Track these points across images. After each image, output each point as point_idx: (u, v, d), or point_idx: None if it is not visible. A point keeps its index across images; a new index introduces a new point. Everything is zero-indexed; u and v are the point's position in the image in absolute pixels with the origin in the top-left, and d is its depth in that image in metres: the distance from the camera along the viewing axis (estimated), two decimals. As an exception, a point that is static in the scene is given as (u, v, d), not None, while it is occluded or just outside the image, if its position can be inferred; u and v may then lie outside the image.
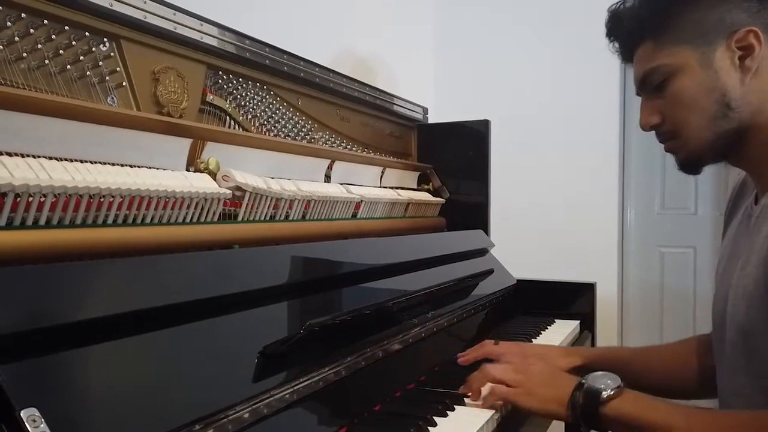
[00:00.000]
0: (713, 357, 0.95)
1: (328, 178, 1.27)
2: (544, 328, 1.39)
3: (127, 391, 0.59)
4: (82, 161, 0.74)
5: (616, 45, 0.91)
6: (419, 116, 1.75)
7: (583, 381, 0.82)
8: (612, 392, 0.79)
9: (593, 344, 1.54)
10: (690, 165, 0.89)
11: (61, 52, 0.78)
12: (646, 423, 0.77)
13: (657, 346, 1.16)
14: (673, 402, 0.82)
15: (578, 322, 1.50)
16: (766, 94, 0.82)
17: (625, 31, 0.90)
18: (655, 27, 0.85)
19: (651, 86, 0.87)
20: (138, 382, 0.60)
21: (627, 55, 0.91)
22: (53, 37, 0.77)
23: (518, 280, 1.58)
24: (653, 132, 0.90)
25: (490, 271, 1.45)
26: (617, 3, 0.90)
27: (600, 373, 0.83)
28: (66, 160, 0.72)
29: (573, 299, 1.55)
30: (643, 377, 1.04)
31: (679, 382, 1.05)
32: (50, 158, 0.70)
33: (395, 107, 1.61)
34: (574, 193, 2.35)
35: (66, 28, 0.79)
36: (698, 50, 0.83)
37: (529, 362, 0.93)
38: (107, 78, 0.84)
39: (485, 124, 1.70)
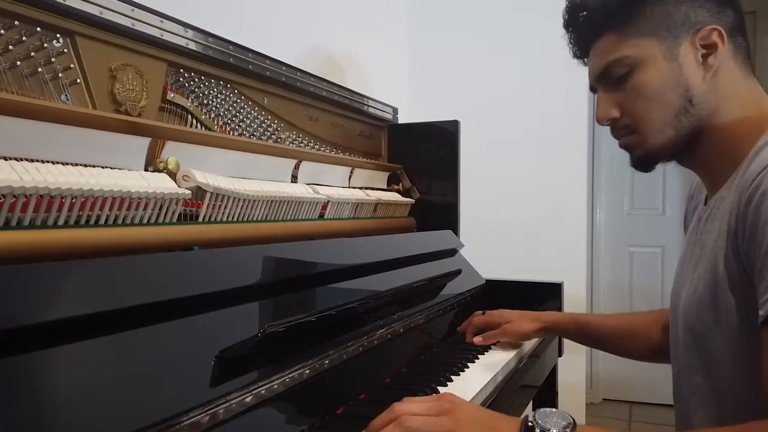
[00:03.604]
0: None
1: (294, 179, 1.25)
2: (512, 328, 1.40)
3: (79, 396, 0.57)
4: (32, 160, 0.72)
5: (574, 36, 0.91)
6: (389, 116, 1.75)
7: (531, 423, 0.70)
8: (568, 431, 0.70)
9: (560, 342, 1.55)
10: (644, 162, 0.89)
11: (11, 47, 0.76)
12: None
13: (619, 314, 1.28)
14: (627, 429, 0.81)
15: (546, 321, 1.51)
16: (723, 94, 0.83)
17: (587, 23, 0.89)
18: (620, 18, 0.85)
19: (611, 79, 0.87)
20: (91, 386, 0.59)
21: (584, 48, 0.90)
22: (2, 32, 0.75)
23: (487, 280, 1.58)
24: None
25: (458, 272, 1.45)
26: None
27: (546, 410, 0.73)
28: (16, 159, 0.70)
29: (540, 298, 1.56)
30: (602, 338, 1.21)
31: (635, 346, 1.16)
32: (-1, 157, 0.67)
33: (365, 107, 1.61)
34: (544, 194, 2.37)
35: (16, 23, 0.76)
36: (664, 43, 0.83)
37: (451, 401, 0.73)
38: (60, 75, 0.81)
39: (455, 124, 1.70)
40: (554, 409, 0.73)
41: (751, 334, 0.73)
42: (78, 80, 0.84)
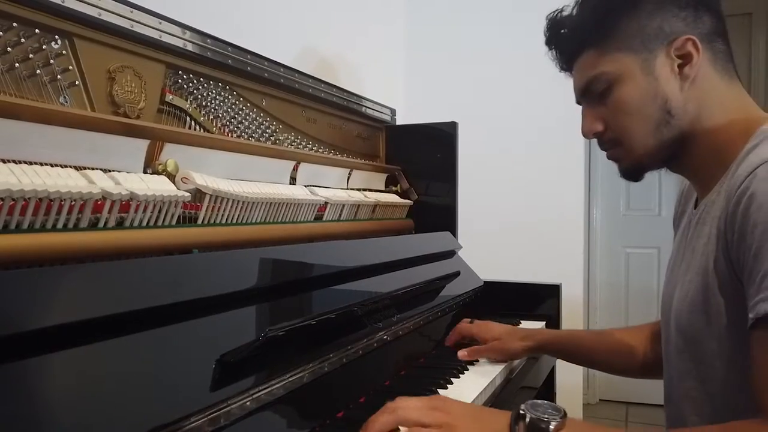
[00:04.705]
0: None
1: (293, 180, 1.25)
2: (511, 330, 1.39)
3: (79, 401, 0.57)
4: (31, 163, 0.71)
5: (557, 53, 0.92)
6: (387, 117, 1.74)
7: (523, 411, 0.71)
8: (559, 422, 0.70)
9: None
10: (632, 172, 0.91)
11: (9, 49, 0.75)
12: None
13: (609, 329, 1.23)
14: (613, 426, 0.80)
15: (543, 323, 1.51)
16: (703, 102, 0.83)
17: (566, 40, 0.90)
18: (597, 35, 0.86)
19: (594, 94, 0.88)
20: (91, 391, 0.58)
21: (567, 63, 0.91)
22: (0, 34, 0.74)
23: (485, 282, 1.58)
24: None
25: (456, 273, 1.45)
26: (556, 11, 0.91)
27: (536, 401, 0.73)
28: (15, 162, 0.69)
29: (539, 300, 1.56)
30: (594, 357, 1.15)
31: (626, 363, 1.11)
32: (-3, 160, 0.67)
33: (363, 108, 1.60)
34: (541, 195, 2.37)
35: (14, 24, 0.76)
36: (640, 57, 0.83)
37: (442, 399, 0.78)
38: (59, 77, 0.81)
39: (453, 125, 1.70)
40: (546, 401, 0.74)
41: (741, 337, 0.73)
42: (76, 82, 0.83)
